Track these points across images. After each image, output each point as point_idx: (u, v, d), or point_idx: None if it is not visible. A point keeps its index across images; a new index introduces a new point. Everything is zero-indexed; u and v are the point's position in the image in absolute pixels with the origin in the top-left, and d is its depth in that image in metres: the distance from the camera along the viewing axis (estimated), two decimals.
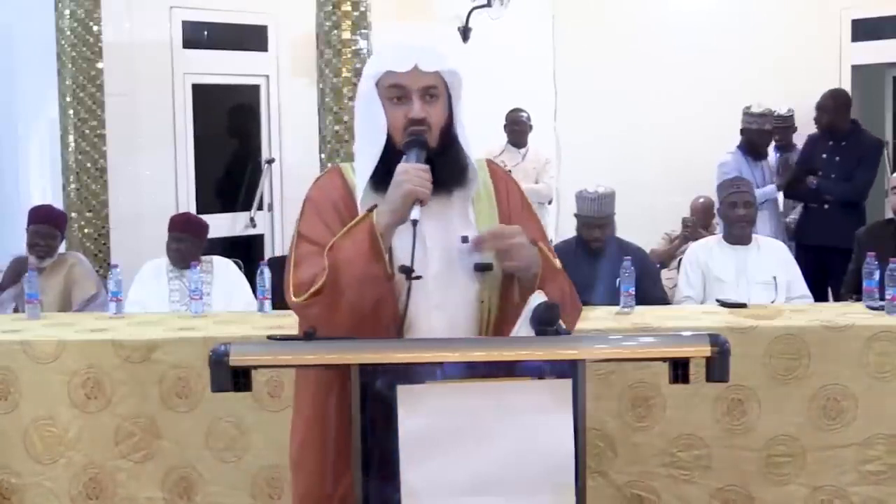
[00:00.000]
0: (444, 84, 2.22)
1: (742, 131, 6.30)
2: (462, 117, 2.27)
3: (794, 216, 6.38)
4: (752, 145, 6.25)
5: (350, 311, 2.05)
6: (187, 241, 4.66)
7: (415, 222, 2.06)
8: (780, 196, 6.41)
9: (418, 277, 2.07)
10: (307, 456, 2.24)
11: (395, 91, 2.18)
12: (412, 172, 2.08)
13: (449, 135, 2.22)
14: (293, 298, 2.12)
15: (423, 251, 2.14)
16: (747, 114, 6.34)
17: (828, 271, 5.59)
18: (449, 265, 2.19)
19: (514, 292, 2.20)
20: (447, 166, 2.17)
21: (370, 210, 2.11)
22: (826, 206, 6.01)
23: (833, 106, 6.11)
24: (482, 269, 2.19)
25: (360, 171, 2.21)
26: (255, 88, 7.32)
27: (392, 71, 2.18)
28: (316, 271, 2.09)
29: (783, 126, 6.65)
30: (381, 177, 2.14)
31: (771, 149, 6.49)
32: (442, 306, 2.16)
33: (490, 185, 2.30)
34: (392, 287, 2.09)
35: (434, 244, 2.18)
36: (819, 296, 5.33)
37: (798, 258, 5.07)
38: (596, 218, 4.54)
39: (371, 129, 2.20)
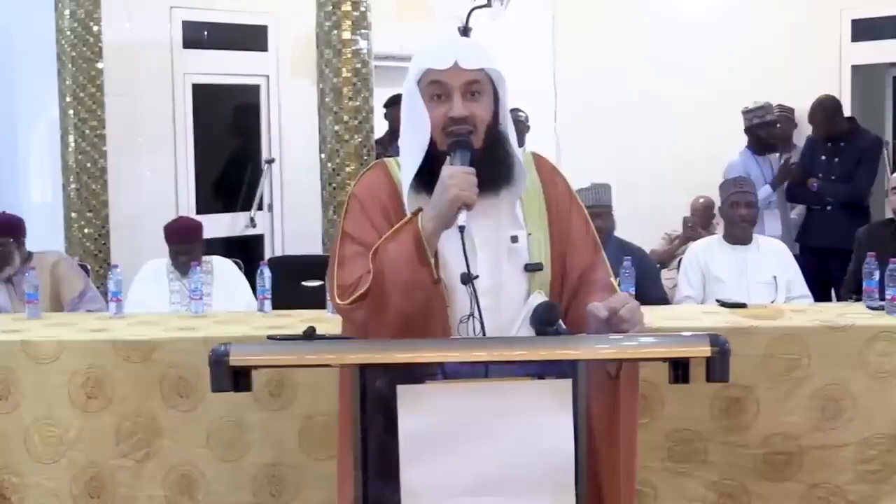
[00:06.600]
0: (490, 81, 2.17)
1: (746, 131, 6.31)
2: (508, 114, 2.23)
3: (794, 216, 6.38)
4: (759, 141, 6.26)
5: (397, 316, 2.01)
6: (191, 247, 4.65)
7: (462, 228, 2.00)
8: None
9: (476, 277, 2.02)
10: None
11: (434, 88, 2.12)
12: (458, 176, 2.01)
13: (495, 132, 2.17)
14: (338, 301, 2.08)
15: (473, 252, 2.09)
16: (746, 112, 6.34)
17: (831, 273, 5.54)
18: (498, 265, 2.15)
19: (563, 294, 2.19)
20: (494, 165, 2.12)
21: (415, 213, 2.06)
22: (828, 208, 6.01)
23: (824, 117, 6.13)
24: (533, 269, 2.16)
25: (405, 170, 2.16)
26: (255, 88, 7.32)
27: (432, 68, 2.13)
28: (361, 273, 2.05)
29: (786, 116, 6.65)
30: (425, 177, 2.10)
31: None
32: (491, 307, 2.11)
33: (538, 181, 2.26)
34: (440, 292, 2.05)
35: (483, 244, 2.14)
36: (823, 298, 5.32)
37: (802, 260, 5.06)
38: (594, 207, 4.51)
39: (413, 128, 2.14)
